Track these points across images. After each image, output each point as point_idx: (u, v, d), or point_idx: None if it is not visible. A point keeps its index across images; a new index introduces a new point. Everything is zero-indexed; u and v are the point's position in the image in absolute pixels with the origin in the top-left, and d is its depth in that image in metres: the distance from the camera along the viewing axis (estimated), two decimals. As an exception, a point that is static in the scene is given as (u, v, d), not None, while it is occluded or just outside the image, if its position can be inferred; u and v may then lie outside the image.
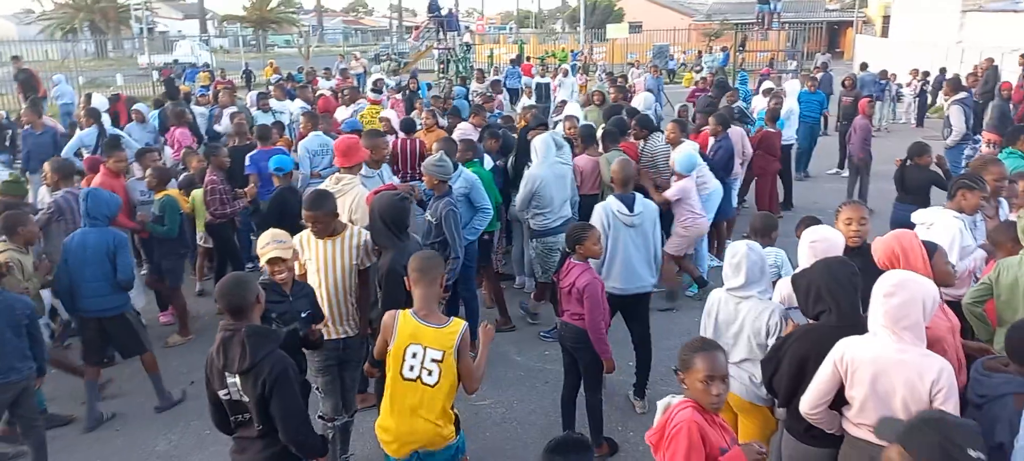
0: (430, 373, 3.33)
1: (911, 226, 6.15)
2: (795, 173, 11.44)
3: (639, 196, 5.42)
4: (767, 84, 12.39)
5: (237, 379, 3.07)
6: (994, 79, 13.73)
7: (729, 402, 3.84)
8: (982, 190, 4.67)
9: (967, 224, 4.68)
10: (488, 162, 7.19)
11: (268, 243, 3.98)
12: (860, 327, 3.06)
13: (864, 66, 18.34)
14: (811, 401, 3.08)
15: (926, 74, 18.18)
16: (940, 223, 4.63)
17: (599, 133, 7.53)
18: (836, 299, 3.18)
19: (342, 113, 10.52)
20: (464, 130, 8.44)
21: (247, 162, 7.46)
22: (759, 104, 11.40)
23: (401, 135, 8.31)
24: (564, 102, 12.46)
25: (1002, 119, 10.21)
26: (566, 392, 4.83)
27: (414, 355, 3.33)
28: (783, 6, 30.20)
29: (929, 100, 18.42)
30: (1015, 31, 16.79)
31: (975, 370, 3.14)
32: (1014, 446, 2.76)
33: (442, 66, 25.74)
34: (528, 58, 28.32)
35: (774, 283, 4.08)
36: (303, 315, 3.92)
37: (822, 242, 3.85)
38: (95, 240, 5.16)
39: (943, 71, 17.92)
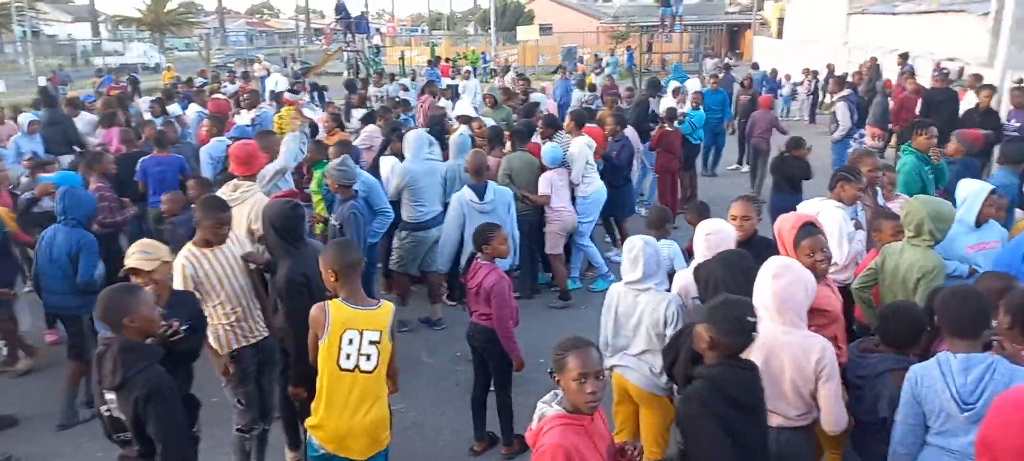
0: (368, 358, 3.32)
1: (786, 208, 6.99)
2: (702, 170, 11.95)
3: (491, 185, 6.01)
4: (674, 84, 12.86)
5: (114, 395, 2.91)
6: (877, 77, 14.63)
7: (630, 392, 3.94)
8: (859, 182, 4.96)
9: (848, 213, 4.97)
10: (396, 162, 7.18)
11: (133, 252, 3.80)
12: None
13: (755, 66, 19.25)
14: None
15: (816, 73, 19.24)
16: (825, 214, 4.89)
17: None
18: (731, 290, 3.30)
19: (244, 119, 10.14)
20: (370, 133, 8.30)
21: (137, 168, 7.12)
22: (667, 103, 11.82)
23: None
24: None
25: (883, 115, 10.93)
26: (477, 392, 4.83)
27: (350, 342, 3.30)
28: (684, 9, 31.34)
29: (820, 97, 19.51)
30: (894, 32, 17.99)
31: (852, 352, 3.31)
32: (895, 419, 2.91)
33: (352, 70, 25.32)
34: (448, 60, 28.30)
35: (670, 275, 4.21)
36: (183, 327, 3.72)
37: (716, 234, 4.00)
38: (63, 239, 5.17)
39: (831, 69, 19.00)
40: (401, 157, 7.24)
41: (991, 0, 12.48)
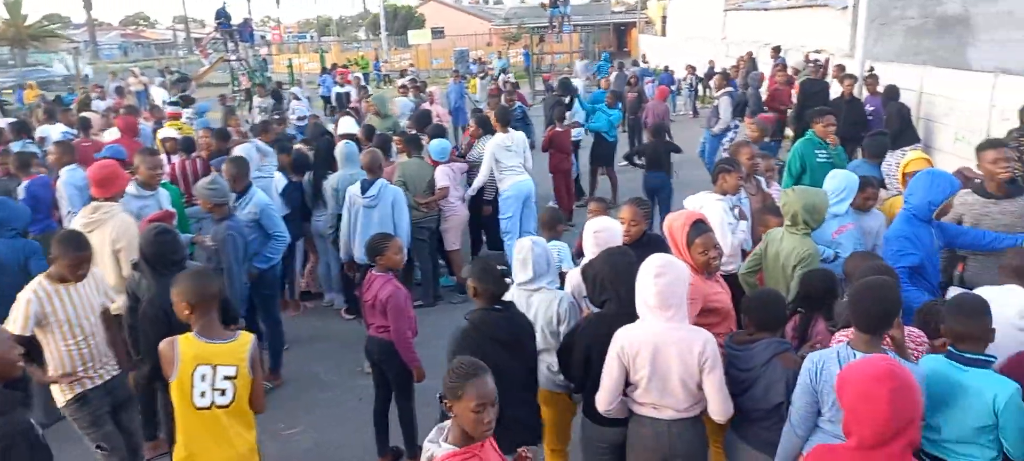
0: (223, 393, 3.15)
1: (659, 187, 8.69)
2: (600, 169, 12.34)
3: (378, 181, 6.25)
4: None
5: None
6: (752, 69, 15.44)
7: None
8: (738, 171, 5.20)
9: (730, 203, 5.20)
10: (281, 178, 6.96)
11: None
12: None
13: (635, 63, 19.96)
14: (606, 399, 3.21)
15: (694, 68, 20.12)
16: (707, 208, 5.09)
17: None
18: (616, 288, 3.36)
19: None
20: (246, 150, 7.97)
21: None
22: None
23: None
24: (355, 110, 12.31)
25: (758, 106, 11.55)
26: (378, 406, 4.73)
27: (203, 378, 3.12)
28: (572, 9, 32.04)
29: (699, 92, 20.43)
30: (767, 27, 19.06)
31: (728, 348, 3.34)
32: (792, 404, 2.98)
33: (241, 85, 24.34)
34: (346, 65, 27.71)
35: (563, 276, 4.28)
36: None
37: (604, 232, 4.09)
38: (5, 249, 4.82)
39: (712, 65, 19.90)
40: (286, 172, 7.06)
41: (849, -5, 13.53)
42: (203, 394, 3.12)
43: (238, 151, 7.24)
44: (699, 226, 3.74)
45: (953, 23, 13.43)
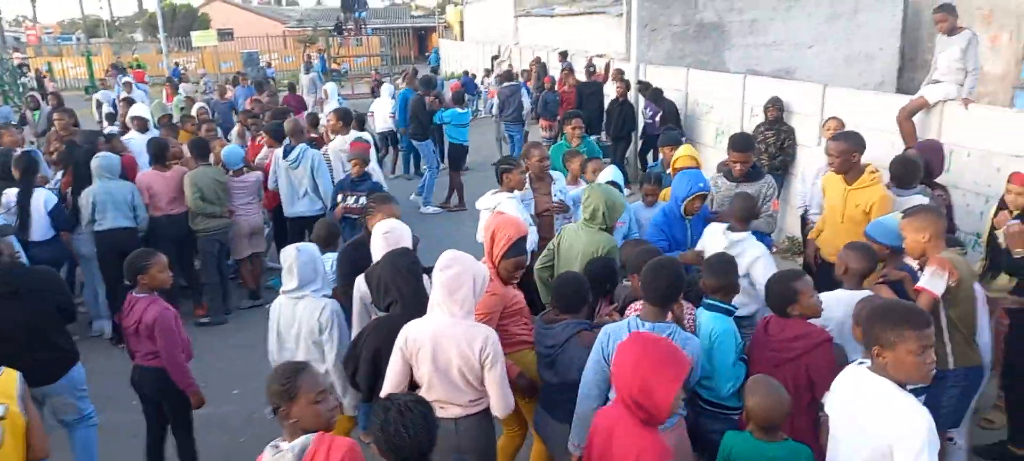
0: None
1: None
2: (404, 173, 12.57)
3: (300, 145, 7.01)
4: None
5: None
6: (542, 73, 16.16)
7: None
8: (519, 168, 5.39)
9: (519, 198, 5.37)
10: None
11: None
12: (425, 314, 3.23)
13: (435, 70, 20.22)
14: (388, 392, 3.15)
15: (488, 71, 20.72)
16: (503, 205, 5.22)
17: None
18: (400, 290, 3.33)
19: None
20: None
21: None
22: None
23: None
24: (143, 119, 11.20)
25: (545, 107, 12.15)
26: (151, 442, 4.32)
27: None
28: (372, 13, 31.66)
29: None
30: (555, 32, 20.06)
31: (538, 324, 3.56)
32: (584, 373, 3.21)
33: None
34: (133, 65, 25.06)
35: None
36: None
37: (393, 233, 4.02)
38: None
39: (509, 68, 20.58)
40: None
41: (623, 3, 14.56)
42: None
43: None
44: (520, 246, 3.76)
45: (710, 30, 14.99)
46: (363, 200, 6.27)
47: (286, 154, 7.23)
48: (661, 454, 2.46)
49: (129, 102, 11.70)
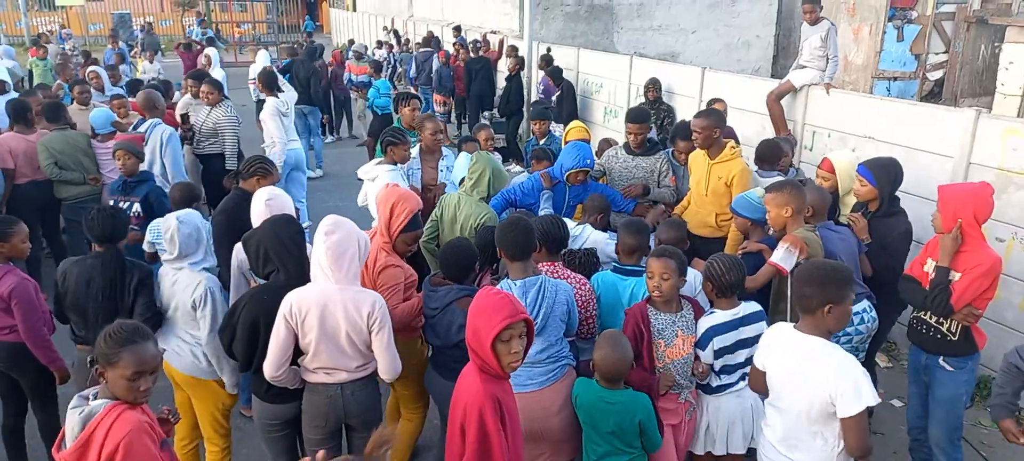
0: None
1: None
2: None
3: (150, 120, 6.45)
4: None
5: None
6: (437, 48, 16.06)
7: (175, 379, 3.71)
8: (405, 142, 5.36)
9: (402, 171, 5.36)
10: None
11: None
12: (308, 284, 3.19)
13: (351, 41, 19.58)
14: (274, 363, 3.11)
15: (390, 45, 20.30)
16: (382, 175, 5.19)
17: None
18: (283, 259, 3.26)
19: None
20: None
21: None
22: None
23: None
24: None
25: (441, 82, 12.11)
26: (8, 421, 4.04)
27: None
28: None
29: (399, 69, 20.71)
30: (450, 8, 19.90)
31: (426, 286, 3.64)
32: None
33: None
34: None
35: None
36: None
37: (276, 199, 3.93)
38: None
39: (407, 42, 20.23)
40: None
41: (516, -19, 14.67)
42: None
43: None
44: (417, 220, 3.83)
45: (601, 12, 15.34)
46: (138, 207, 5.28)
47: (136, 128, 6.80)
48: (482, 397, 2.51)
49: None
